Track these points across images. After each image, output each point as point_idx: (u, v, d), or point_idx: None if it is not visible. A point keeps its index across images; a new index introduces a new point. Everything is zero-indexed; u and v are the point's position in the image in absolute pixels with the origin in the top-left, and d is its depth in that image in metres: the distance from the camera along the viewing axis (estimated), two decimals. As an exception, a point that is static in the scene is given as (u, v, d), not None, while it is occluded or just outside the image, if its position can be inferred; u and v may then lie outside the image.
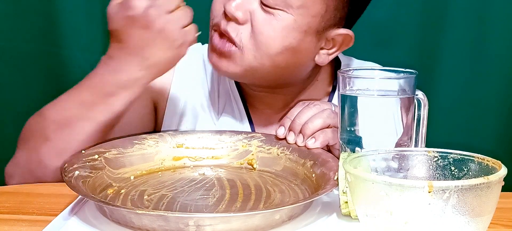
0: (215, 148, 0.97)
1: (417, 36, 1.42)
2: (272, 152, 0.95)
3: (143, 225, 0.71)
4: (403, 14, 1.41)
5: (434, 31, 1.41)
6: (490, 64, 1.41)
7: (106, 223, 0.74)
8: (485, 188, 0.59)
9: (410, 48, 1.42)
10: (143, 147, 0.93)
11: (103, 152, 0.89)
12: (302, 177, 0.89)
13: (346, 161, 0.66)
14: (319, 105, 0.95)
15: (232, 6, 0.96)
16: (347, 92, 0.82)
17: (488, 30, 1.39)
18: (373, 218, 0.62)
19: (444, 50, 1.41)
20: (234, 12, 0.96)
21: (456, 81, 1.42)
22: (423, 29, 1.41)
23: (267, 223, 0.72)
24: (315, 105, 0.95)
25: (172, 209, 0.77)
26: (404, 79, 0.82)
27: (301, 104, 0.97)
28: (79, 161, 0.84)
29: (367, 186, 0.62)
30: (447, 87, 1.42)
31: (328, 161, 0.87)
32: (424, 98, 0.84)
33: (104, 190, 0.83)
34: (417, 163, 0.71)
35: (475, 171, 0.67)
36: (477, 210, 0.60)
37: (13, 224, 0.75)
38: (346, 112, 0.82)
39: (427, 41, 1.42)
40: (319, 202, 0.80)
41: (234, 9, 0.96)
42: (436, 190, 0.58)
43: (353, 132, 0.82)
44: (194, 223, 0.68)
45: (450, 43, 1.40)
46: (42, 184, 0.91)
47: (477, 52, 1.41)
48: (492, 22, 1.39)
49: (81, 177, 0.80)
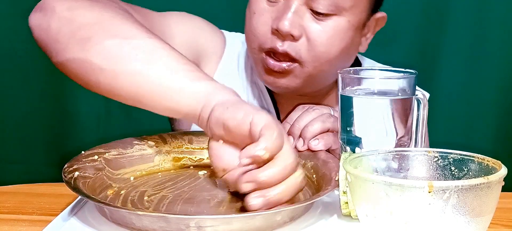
0: (215, 148, 0.97)
1: (417, 36, 1.42)
2: (272, 152, 0.95)
3: (144, 226, 0.71)
4: (403, 14, 1.41)
5: (434, 31, 1.41)
6: (490, 64, 1.41)
7: (106, 224, 0.74)
8: (485, 188, 0.59)
9: (410, 48, 1.42)
10: (143, 148, 0.93)
11: (103, 152, 0.88)
12: (302, 177, 0.89)
13: (346, 161, 0.66)
14: (318, 109, 0.95)
15: (286, 25, 0.95)
16: (347, 93, 0.82)
17: (488, 30, 1.39)
18: (373, 218, 0.62)
19: (444, 50, 1.42)
20: (290, 30, 0.95)
21: (456, 81, 1.42)
22: (423, 29, 1.42)
23: (268, 224, 0.72)
24: (314, 109, 0.95)
25: (173, 210, 0.77)
26: (404, 79, 0.82)
27: (301, 109, 0.96)
28: (79, 161, 0.84)
29: (367, 186, 0.62)
30: (447, 87, 1.43)
31: (329, 161, 0.87)
32: (424, 98, 0.84)
33: (104, 190, 0.83)
34: (417, 163, 0.71)
35: (475, 171, 0.67)
36: (477, 210, 0.60)
37: (13, 224, 0.75)
38: (346, 112, 0.82)
39: (427, 41, 1.42)
40: (320, 203, 0.80)
41: (289, 27, 0.95)
42: (436, 190, 0.58)
43: (353, 132, 0.82)
44: (195, 224, 0.68)
45: (450, 43, 1.41)
46: (42, 184, 0.91)
47: (477, 52, 1.41)
48: (492, 22, 1.39)
49: (81, 177, 0.80)
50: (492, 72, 1.42)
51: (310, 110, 0.95)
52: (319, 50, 0.97)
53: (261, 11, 0.99)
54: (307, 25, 0.97)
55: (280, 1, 0.98)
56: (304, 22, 0.97)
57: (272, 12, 0.98)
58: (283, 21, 0.95)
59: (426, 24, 1.42)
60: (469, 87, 1.43)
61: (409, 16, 1.41)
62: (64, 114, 1.53)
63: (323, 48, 0.97)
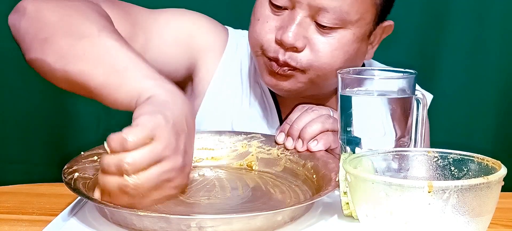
0: (214, 148, 0.97)
1: (417, 36, 1.42)
2: (272, 152, 0.95)
3: (144, 227, 0.71)
4: (403, 14, 1.41)
5: (434, 31, 1.41)
6: (490, 65, 1.41)
7: (106, 224, 0.74)
8: (485, 188, 0.59)
9: (410, 48, 1.42)
10: (143, 148, 0.93)
11: (103, 153, 0.88)
12: (303, 178, 0.89)
13: (346, 161, 0.67)
14: (317, 110, 0.94)
15: (290, 37, 0.95)
16: (347, 93, 0.82)
17: (488, 30, 1.39)
18: (373, 218, 0.62)
19: (444, 50, 1.41)
20: (294, 42, 0.95)
21: (456, 81, 1.42)
22: (423, 29, 1.42)
23: (269, 224, 0.72)
24: (314, 110, 0.94)
25: (173, 210, 0.77)
26: (404, 79, 0.82)
27: (300, 109, 0.96)
28: (79, 162, 0.84)
29: (367, 186, 0.62)
30: (447, 87, 1.43)
31: (329, 161, 0.87)
32: (424, 98, 0.84)
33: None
34: (417, 163, 0.71)
35: (475, 171, 0.67)
36: (477, 210, 0.60)
37: (13, 224, 0.75)
38: (346, 112, 0.82)
39: (427, 41, 1.42)
40: (321, 203, 0.80)
41: (292, 40, 0.95)
42: (436, 190, 0.58)
43: (353, 132, 0.82)
44: (196, 225, 0.68)
45: (450, 43, 1.41)
46: (42, 184, 0.91)
47: (477, 52, 1.41)
48: (492, 22, 1.39)
49: (81, 178, 0.80)
50: (492, 72, 1.42)
51: (309, 111, 0.94)
52: (323, 61, 0.97)
53: (265, 19, 0.99)
54: (312, 37, 0.96)
55: (285, 12, 0.97)
56: (308, 33, 0.96)
57: (277, 20, 0.98)
58: (287, 33, 0.95)
59: (426, 24, 1.42)
60: (469, 87, 1.43)
61: (409, 16, 1.41)
62: (64, 114, 1.53)
63: (327, 60, 0.97)
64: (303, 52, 0.97)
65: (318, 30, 0.96)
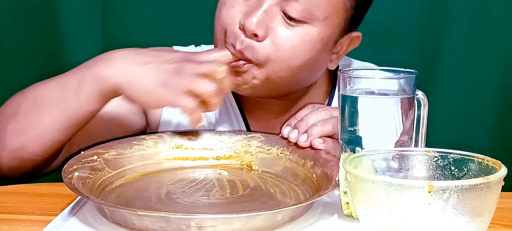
0: (214, 148, 0.97)
1: (417, 36, 1.42)
2: (271, 152, 0.95)
3: (144, 226, 0.71)
4: (403, 14, 1.41)
5: (434, 31, 1.41)
6: (490, 64, 1.41)
7: (106, 224, 0.74)
8: (485, 188, 0.59)
9: (410, 48, 1.42)
10: (142, 148, 0.93)
11: (102, 153, 0.89)
12: (303, 177, 0.89)
13: (346, 161, 0.67)
14: (328, 111, 0.93)
15: (253, 22, 0.90)
16: (347, 92, 0.82)
17: (488, 30, 1.39)
18: (373, 218, 0.62)
19: (444, 50, 1.41)
20: (255, 29, 0.90)
21: (456, 81, 1.42)
22: (423, 29, 1.42)
23: (269, 224, 0.72)
24: (325, 110, 0.93)
25: (173, 210, 0.77)
26: (404, 79, 0.82)
27: (310, 107, 0.95)
28: (79, 162, 0.84)
29: (367, 186, 0.62)
30: (447, 87, 1.42)
31: (329, 161, 0.87)
32: (424, 98, 0.84)
33: (103, 191, 0.83)
34: (417, 163, 0.71)
35: (475, 171, 0.67)
36: (477, 210, 0.60)
37: (13, 224, 0.75)
38: (346, 112, 0.82)
39: (427, 41, 1.42)
40: (320, 203, 0.80)
41: (255, 26, 0.90)
42: (436, 190, 0.58)
43: (353, 132, 0.82)
44: (195, 224, 0.68)
45: (450, 43, 1.40)
46: (42, 184, 0.91)
47: (476, 52, 1.41)
48: (492, 22, 1.39)
49: (80, 178, 0.80)
50: (492, 72, 1.42)
51: (320, 110, 0.93)
52: (281, 55, 0.93)
53: (232, 3, 0.95)
54: (275, 28, 0.92)
55: None
56: (273, 24, 0.92)
57: (243, 6, 0.94)
58: (251, 18, 0.91)
59: (426, 24, 1.41)
60: (469, 87, 1.43)
61: (409, 16, 1.40)
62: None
63: (286, 54, 0.93)
64: (263, 43, 0.92)
65: (283, 22, 0.92)
